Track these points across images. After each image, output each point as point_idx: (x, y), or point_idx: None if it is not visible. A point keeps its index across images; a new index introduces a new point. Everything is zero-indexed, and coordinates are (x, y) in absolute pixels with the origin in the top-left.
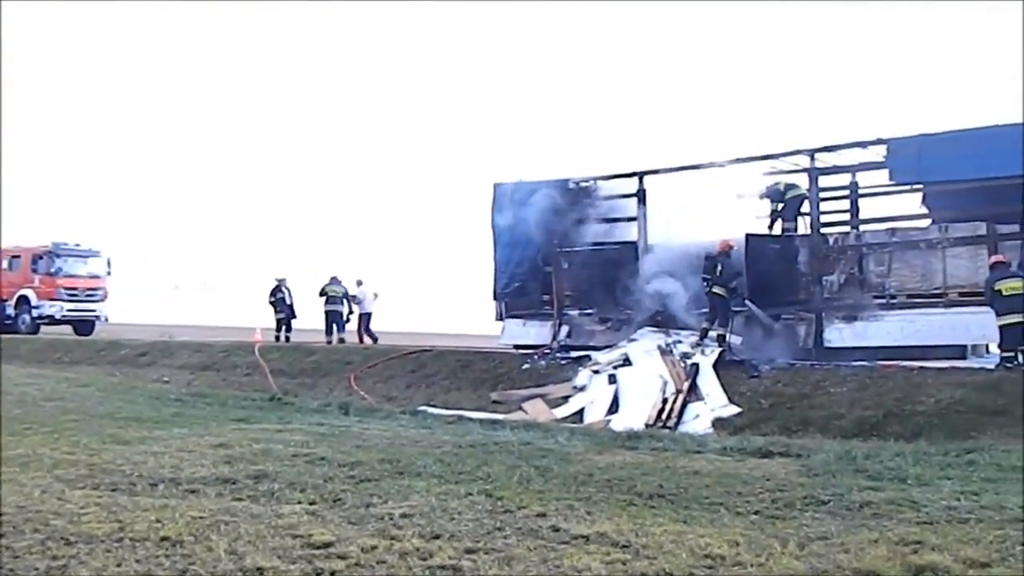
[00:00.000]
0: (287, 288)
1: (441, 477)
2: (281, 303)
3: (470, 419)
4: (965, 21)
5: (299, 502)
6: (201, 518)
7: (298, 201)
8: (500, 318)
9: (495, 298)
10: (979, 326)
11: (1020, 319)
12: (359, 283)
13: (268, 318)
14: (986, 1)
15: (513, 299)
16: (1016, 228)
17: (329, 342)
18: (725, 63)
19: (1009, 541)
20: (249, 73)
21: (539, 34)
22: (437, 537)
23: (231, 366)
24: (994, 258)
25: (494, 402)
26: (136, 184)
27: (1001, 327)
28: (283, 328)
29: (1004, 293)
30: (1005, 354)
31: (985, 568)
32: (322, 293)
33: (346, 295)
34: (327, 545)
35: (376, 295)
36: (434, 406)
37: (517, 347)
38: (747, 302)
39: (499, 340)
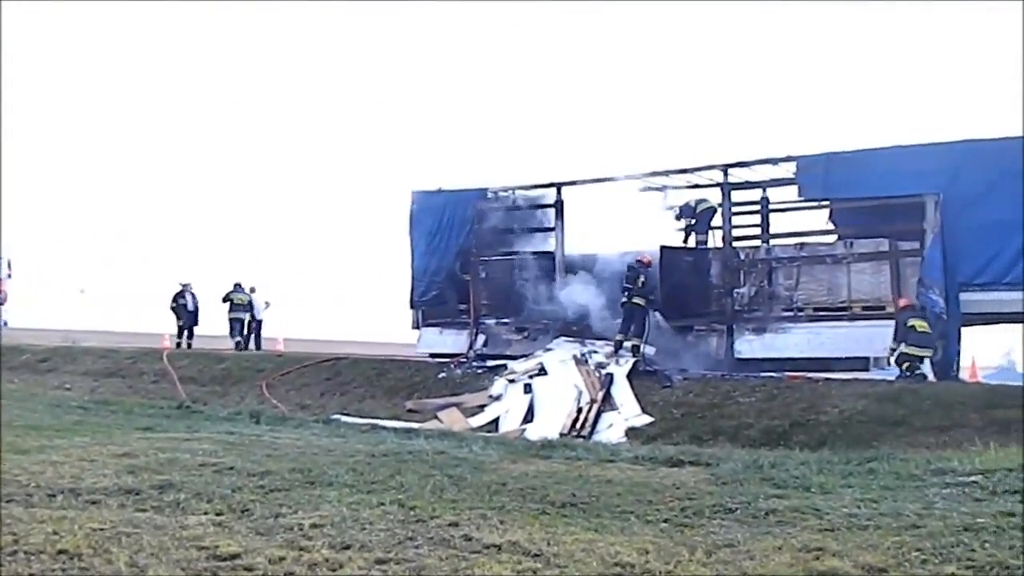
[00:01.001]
0: (191, 293)
1: (353, 487)
2: (183, 309)
3: (384, 428)
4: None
5: (205, 513)
6: (101, 530)
7: (212, 205)
8: (417, 326)
9: (412, 306)
10: (881, 339)
11: (928, 353)
12: (252, 291)
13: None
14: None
15: (430, 307)
16: (916, 245)
17: (239, 347)
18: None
19: (905, 547)
20: (155, 72)
21: (461, 38)
22: (348, 548)
23: (137, 373)
24: (902, 302)
25: (409, 411)
26: (37, 184)
27: (907, 354)
28: (185, 335)
29: (918, 329)
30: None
31: (882, 573)
32: (226, 299)
33: (251, 302)
34: (233, 557)
35: (267, 304)
36: (348, 415)
37: (433, 356)
38: (656, 314)
39: (415, 348)
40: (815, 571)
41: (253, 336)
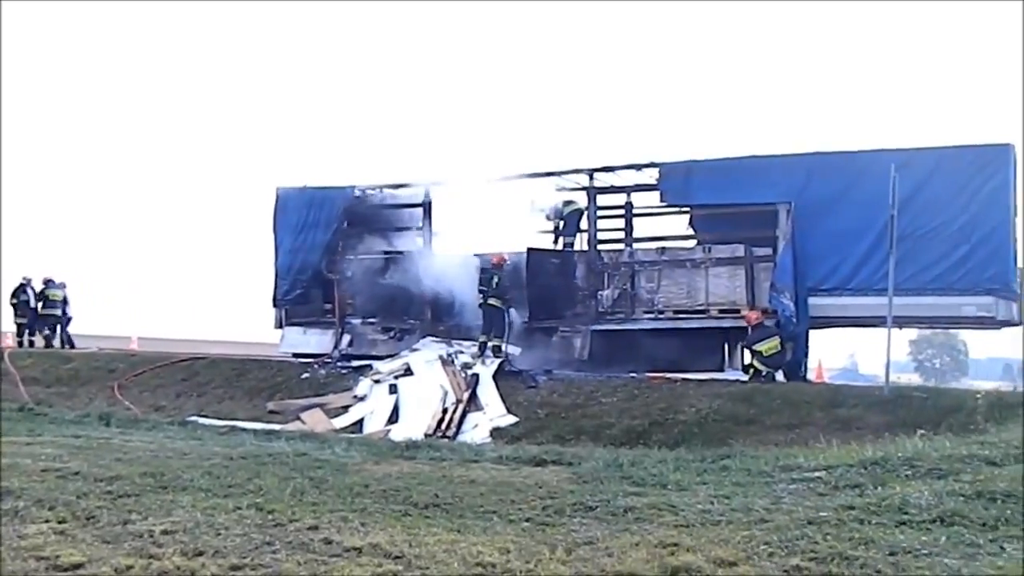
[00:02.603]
0: (33, 289)
1: (209, 491)
2: (24, 305)
3: (244, 430)
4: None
5: (47, 521)
6: None
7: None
8: (280, 326)
9: (275, 305)
10: (736, 341)
11: (776, 370)
12: (62, 286)
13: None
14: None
15: (294, 306)
16: (769, 251)
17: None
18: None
19: (754, 541)
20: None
21: (334, 35)
22: (201, 554)
23: None
24: (753, 317)
25: (270, 412)
26: None
27: (758, 370)
28: (26, 333)
29: (765, 354)
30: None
31: (733, 567)
32: (40, 296)
33: (66, 298)
34: (76, 567)
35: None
36: (206, 416)
37: (297, 355)
38: (510, 311)
39: (278, 348)
40: (670, 566)
41: (60, 333)
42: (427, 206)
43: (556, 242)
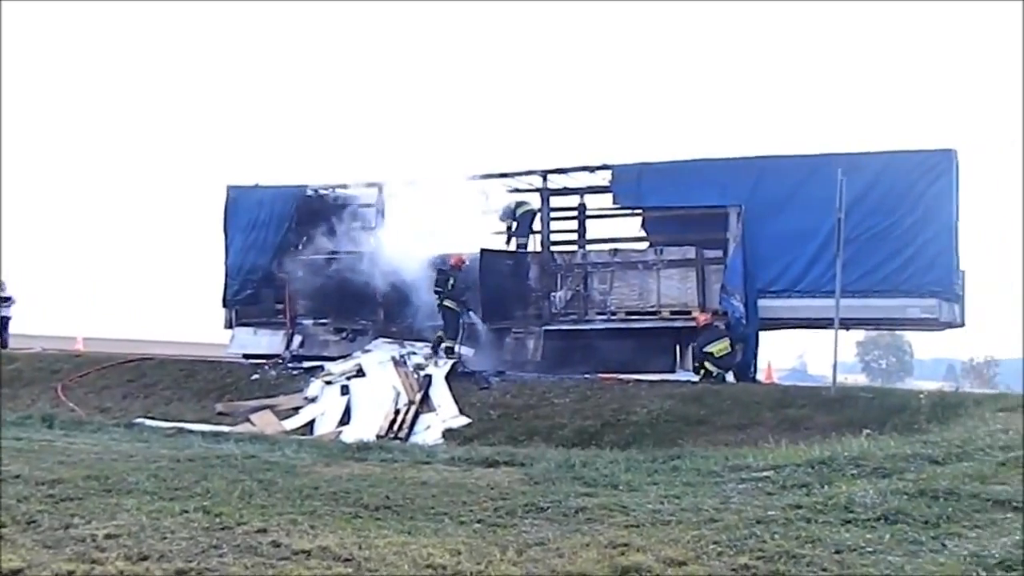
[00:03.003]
0: None
1: (155, 494)
2: None
3: (192, 432)
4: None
5: None
6: None
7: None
8: (230, 326)
9: (225, 305)
10: (687, 342)
11: (725, 372)
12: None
13: None
14: None
15: (244, 306)
16: (720, 253)
17: None
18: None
19: (704, 540)
20: None
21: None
22: (145, 558)
23: None
24: (702, 319)
25: (219, 414)
26: None
27: (708, 370)
28: None
29: (715, 355)
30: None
31: (682, 566)
32: None
33: (9, 298)
34: (16, 572)
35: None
36: (153, 418)
37: (247, 356)
38: (471, 314)
39: (228, 349)
40: (620, 566)
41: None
42: (380, 206)
43: (509, 243)
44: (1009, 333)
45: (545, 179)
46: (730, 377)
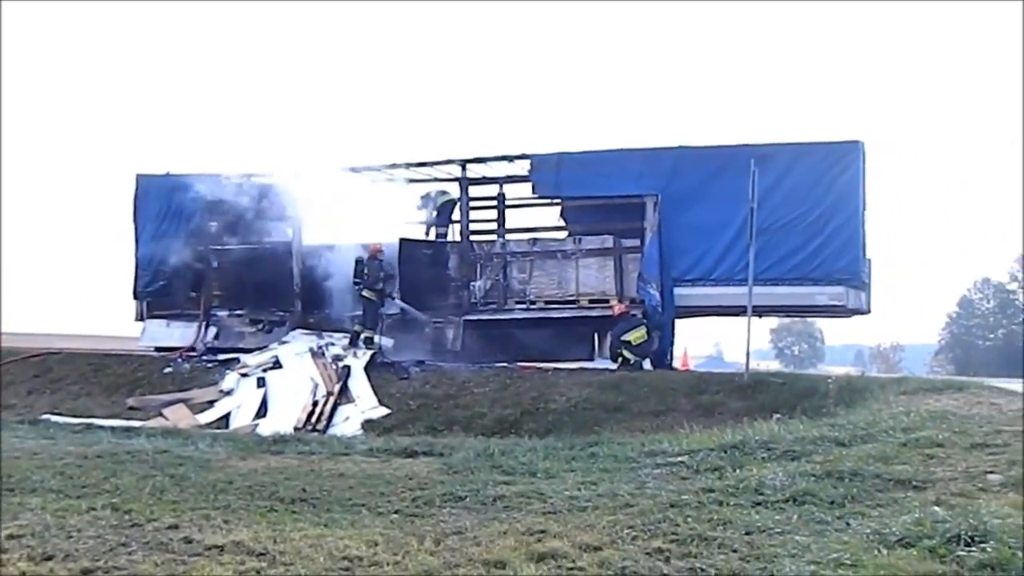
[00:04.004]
0: None
1: (61, 492)
2: None
3: (101, 427)
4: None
5: None
6: None
7: None
8: (141, 318)
9: (136, 297)
10: (605, 330)
11: (643, 359)
12: None
13: None
14: None
15: (156, 298)
16: (637, 242)
17: None
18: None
19: (619, 525)
20: None
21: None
22: (50, 558)
23: None
24: (618, 308)
25: (130, 408)
26: None
27: (625, 357)
28: None
29: (633, 343)
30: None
31: (598, 551)
32: None
33: None
34: None
35: None
36: (60, 414)
37: (159, 349)
38: (399, 302)
39: (139, 342)
40: (536, 553)
41: None
42: (297, 195)
43: (428, 232)
44: (915, 319)
45: (464, 168)
46: (647, 364)
